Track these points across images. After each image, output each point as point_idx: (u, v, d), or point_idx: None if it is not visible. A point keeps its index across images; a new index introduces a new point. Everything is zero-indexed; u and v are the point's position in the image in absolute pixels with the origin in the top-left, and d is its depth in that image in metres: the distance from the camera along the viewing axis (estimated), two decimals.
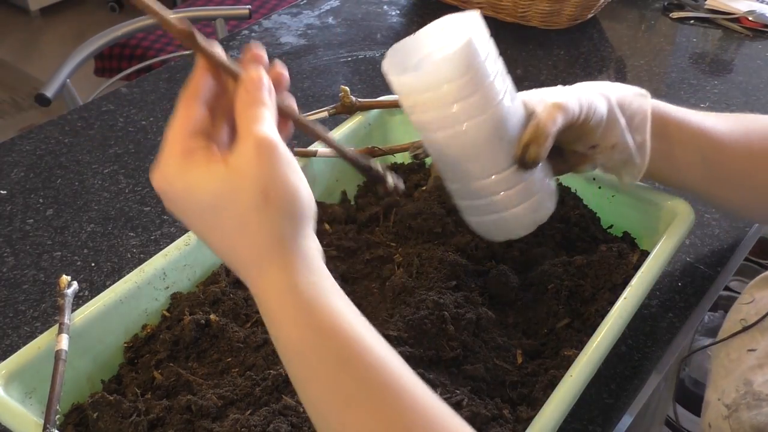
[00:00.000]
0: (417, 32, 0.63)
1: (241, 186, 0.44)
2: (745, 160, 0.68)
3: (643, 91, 0.67)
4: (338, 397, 0.43)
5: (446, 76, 0.57)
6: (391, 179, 0.60)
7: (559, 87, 0.64)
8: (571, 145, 0.66)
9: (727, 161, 0.68)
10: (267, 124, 0.45)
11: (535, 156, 0.60)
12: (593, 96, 0.63)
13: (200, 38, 0.46)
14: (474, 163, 0.62)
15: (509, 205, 0.64)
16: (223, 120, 0.49)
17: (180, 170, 0.45)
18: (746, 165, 0.68)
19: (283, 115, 0.49)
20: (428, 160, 0.84)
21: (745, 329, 0.63)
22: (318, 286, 0.45)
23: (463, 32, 0.60)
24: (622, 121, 0.64)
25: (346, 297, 0.47)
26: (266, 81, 0.47)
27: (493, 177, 0.62)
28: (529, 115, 0.62)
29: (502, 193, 0.63)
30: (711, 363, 0.67)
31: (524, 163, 0.60)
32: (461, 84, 0.57)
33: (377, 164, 0.60)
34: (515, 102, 0.62)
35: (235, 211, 0.44)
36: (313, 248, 0.47)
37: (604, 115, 0.63)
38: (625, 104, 0.65)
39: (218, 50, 0.47)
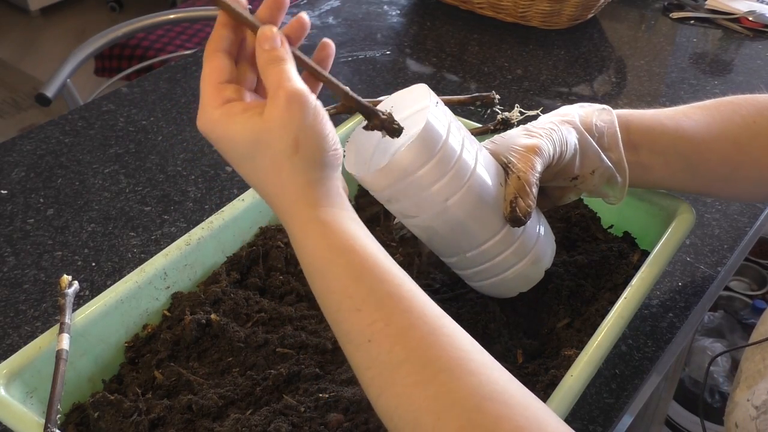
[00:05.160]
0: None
1: (273, 137, 0.49)
2: (729, 152, 0.67)
3: (606, 107, 0.65)
4: (351, 305, 0.48)
5: (414, 164, 0.55)
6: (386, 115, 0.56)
7: (521, 127, 0.63)
8: (552, 183, 0.65)
9: (711, 158, 0.67)
10: (293, 78, 0.50)
11: (525, 210, 0.58)
12: (561, 128, 0.62)
13: None
14: (465, 235, 0.60)
15: (511, 264, 0.63)
16: (247, 66, 0.53)
17: (221, 119, 0.50)
18: (730, 156, 0.67)
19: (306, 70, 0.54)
20: None
21: None
22: (337, 215, 0.50)
23: (418, 113, 0.58)
24: (594, 144, 0.63)
25: (362, 224, 0.52)
26: (279, 37, 0.51)
27: (488, 243, 0.61)
28: (504, 166, 0.60)
29: (500, 255, 0.62)
30: (715, 362, 0.67)
31: (516, 219, 0.59)
32: (431, 168, 0.56)
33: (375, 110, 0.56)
34: (485, 159, 0.60)
35: (269, 158, 0.49)
36: (337, 187, 0.52)
37: (577, 145, 0.62)
38: (590, 125, 0.64)
39: (238, 4, 0.51)
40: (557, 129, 0.62)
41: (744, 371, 0.65)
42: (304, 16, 0.54)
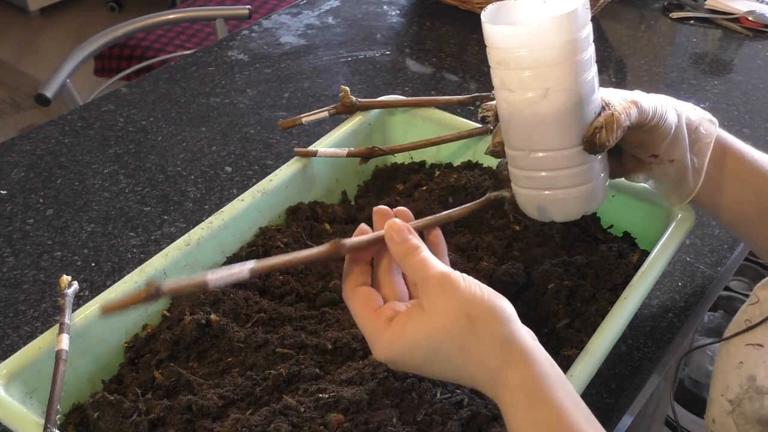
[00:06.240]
0: None
1: (447, 325, 0.50)
2: None
3: (713, 119, 0.67)
4: None
5: (546, 38, 0.58)
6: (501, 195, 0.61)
7: (636, 91, 0.65)
8: (633, 149, 0.67)
9: None
10: (432, 262, 0.52)
11: (604, 141, 0.60)
12: (667, 106, 0.64)
13: (345, 241, 0.54)
14: (544, 132, 0.62)
15: (566, 184, 0.64)
16: (388, 277, 0.55)
17: (393, 339, 0.51)
18: None
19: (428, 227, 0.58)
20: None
21: (749, 329, 0.64)
22: (539, 379, 0.49)
23: (570, 3, 0.60)
24: (686, 139, 0.65)
25: (566, 381, 0.51)
26: (403, 224, 0.54)
27: (558, 152, 0.62)
28: (604, 105, 0.62)
29: (562, 170, 0.63)
30: (714, 362, 0.67)
31: (592, 145, 0.60)
32: (558, 50, 0.58)
33: (489, 196, 0.61)
34: (596, 89, 0.62)
35: (453, 346, 0.50)
36: (527, 338, 0.51)
37: (673, 128, 0.64)
38: (693, 126, 0.66)
39: (361, 237, 0.55)
40: (663, 105, 0.63)
41: (715, 368, 0.66)
42: (405, 209, 0.58)
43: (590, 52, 0.61)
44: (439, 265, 0.52)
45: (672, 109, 0.64)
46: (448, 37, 1.28)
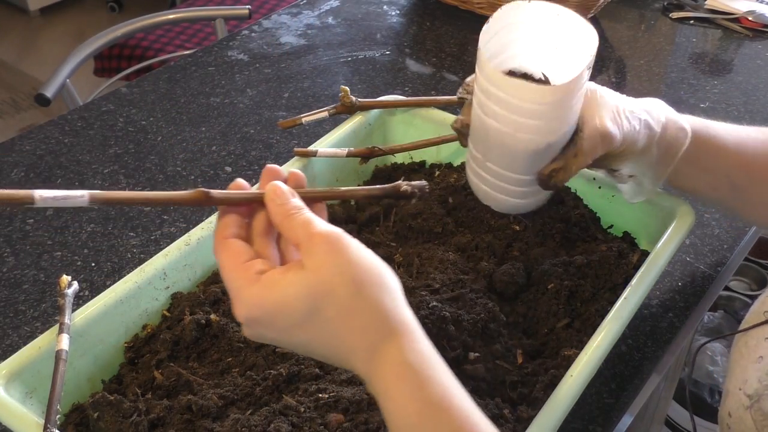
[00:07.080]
0: (530, 2, 0.62)
1: (330, 282, 0.45)
2: None
3: (686, 128, 0.65)
4: None
5: (535, 96, 0.58)
6: (410, 187, 0.56)
7: (627, 99, 0.64)
8: (597, 161, 0.66)
9: (756, 183, 0.67)
10: (318, 221, 0.47)
11: (558, 182, 0.61)
12: (642, 129, 0.62)
13: (213, 192, 0.49)
14: (504, 156, 0.63)
15: (508, 195, 0.66)
16: (264, 241, 0.50)
17: (261, 292, 0.46)
18: None
19: (315, 201, 0.52)
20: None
21: (767, 321, 0.64)
22: (424, 355, 0.46)
23: (575, 58, 0.61)
24: (656, 154, 0.64)
25: (444, 363, 0.47)
26: (286, 188, 0.49)
27: (512, 174, 0.64)
28: (581, 122, 0.61)
29: (514, 187, 0.65)
30: (714, 362, 0.67)
31: (545, 183, 0.62)
32: (543, 109, 0.58)
33: (394, 184, 0.55)
34: (573, 128, 0.62)
35: (333, 306, 0.45)
36: (411, 314, 0.48)
37: (640, 148, 0.64)
38: (667, 137, 0.64)
39: (234, 192, 0.50)
40: (638, 129, 0.62)
41: (731, 360, 0.66)
42: (299, 172, 0.53)
43: (578, 103, 0.60)
44: (328, 225, 0.47)
45: (646, 130, 0.63)
46: (448, 37, 1.28)
